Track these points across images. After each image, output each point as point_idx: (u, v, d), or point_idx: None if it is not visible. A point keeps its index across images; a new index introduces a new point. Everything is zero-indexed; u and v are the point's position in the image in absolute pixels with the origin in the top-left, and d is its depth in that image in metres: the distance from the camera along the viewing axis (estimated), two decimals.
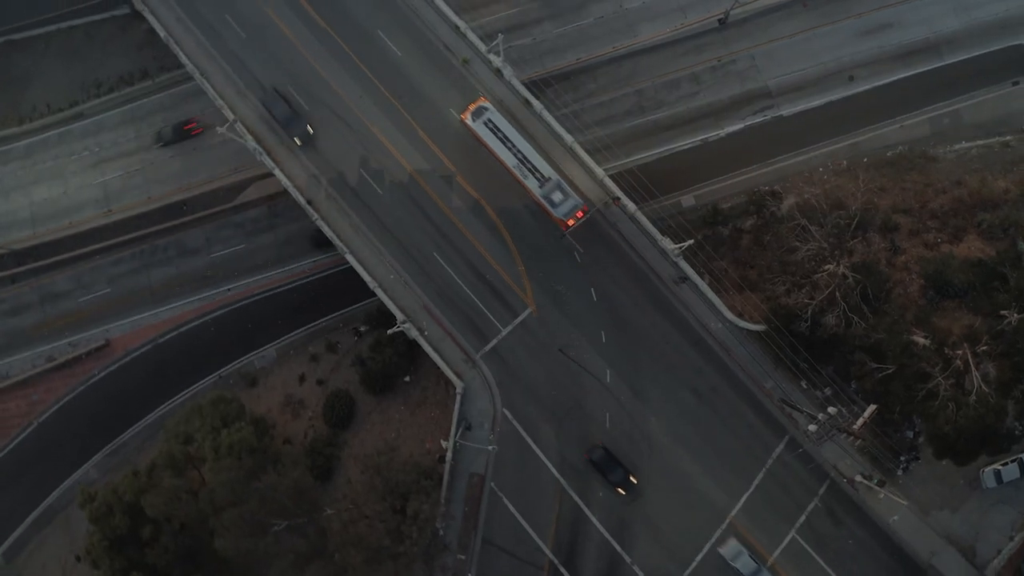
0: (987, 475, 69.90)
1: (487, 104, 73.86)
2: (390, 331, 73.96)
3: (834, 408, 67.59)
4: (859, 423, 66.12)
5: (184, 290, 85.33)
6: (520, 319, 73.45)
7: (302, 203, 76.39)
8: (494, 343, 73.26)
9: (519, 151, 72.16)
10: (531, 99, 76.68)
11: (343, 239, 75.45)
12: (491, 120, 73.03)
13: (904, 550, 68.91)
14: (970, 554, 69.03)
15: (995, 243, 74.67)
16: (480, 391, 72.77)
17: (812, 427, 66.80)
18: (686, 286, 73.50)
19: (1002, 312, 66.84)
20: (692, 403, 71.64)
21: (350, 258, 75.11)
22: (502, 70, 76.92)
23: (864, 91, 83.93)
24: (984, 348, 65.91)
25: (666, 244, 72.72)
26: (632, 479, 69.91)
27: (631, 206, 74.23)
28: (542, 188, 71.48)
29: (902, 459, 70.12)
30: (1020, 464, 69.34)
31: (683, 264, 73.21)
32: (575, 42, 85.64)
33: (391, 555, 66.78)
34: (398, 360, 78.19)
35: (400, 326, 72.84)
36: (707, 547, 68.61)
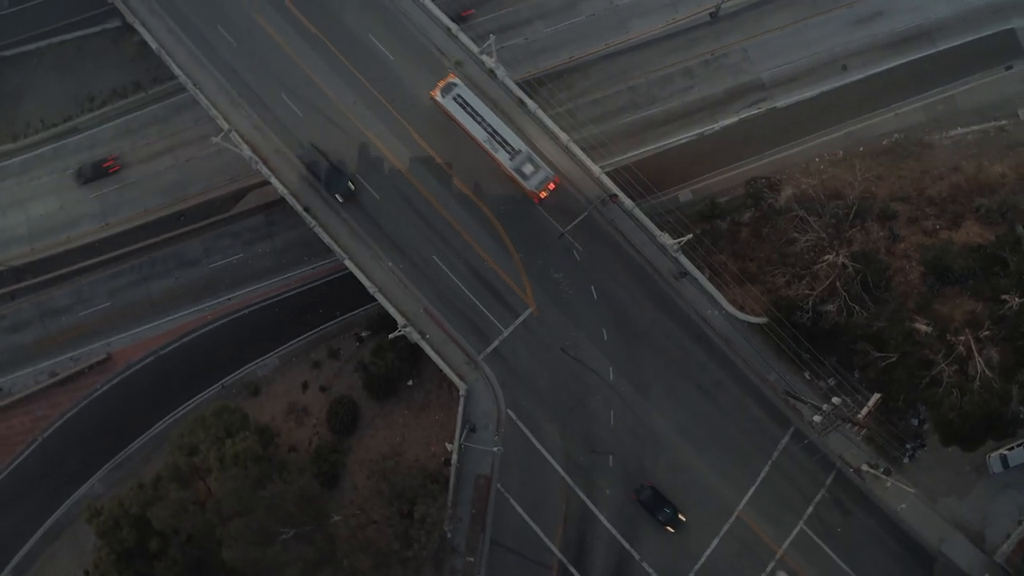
0: (993, 460, 69.98)
1: (456, 80, 73.78)
2: (392, 335, 73.90)
3: (838, 398, 67.66)
4: (864, 412, 66.01)
5: (184, 301, 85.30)
6: (521, 319, 73.39)
7: (299, 210, 76.35)
8: (496, 344, 73.20)
9: (488, 124, 72.17)
10: (525, 99, 76.62)
11: (341, 244, 75.43)
12: (460, 96, 73.04)
13: (913, 538, 68.88)
14: (979, 540, 69.03)
15: (994, 228, 74.76)
16: (483, 393, 72.69)
17: (817, 418, 66.83)
18: (686, 281, 73.46)
19: (1003, 297, 66.69)
20: (696, 398, 71.56)
21: (349, 263, 75.03)
22: (495, 71, 76.88)
23: (858, 80, 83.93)
24: (986, 333, 65.76)
25: (665, 239, 72.61)
26: (681, 516, 68.67)
27: (628, 202, 74.22)
28: (512, 160, 71.58)
29: (908, 447, 70.07)
30: None
31: (682, 259, 73.15)
32: (567, 40, 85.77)
33: (400, 559, 66.83)
34: (400, 364, 78.02)
35: (401, 330, 72.76)
36: (715, 542, 68.55)
